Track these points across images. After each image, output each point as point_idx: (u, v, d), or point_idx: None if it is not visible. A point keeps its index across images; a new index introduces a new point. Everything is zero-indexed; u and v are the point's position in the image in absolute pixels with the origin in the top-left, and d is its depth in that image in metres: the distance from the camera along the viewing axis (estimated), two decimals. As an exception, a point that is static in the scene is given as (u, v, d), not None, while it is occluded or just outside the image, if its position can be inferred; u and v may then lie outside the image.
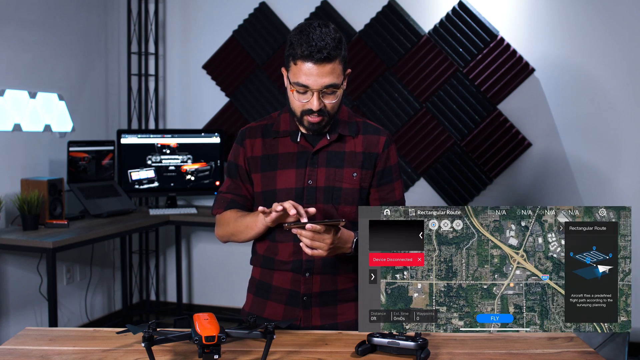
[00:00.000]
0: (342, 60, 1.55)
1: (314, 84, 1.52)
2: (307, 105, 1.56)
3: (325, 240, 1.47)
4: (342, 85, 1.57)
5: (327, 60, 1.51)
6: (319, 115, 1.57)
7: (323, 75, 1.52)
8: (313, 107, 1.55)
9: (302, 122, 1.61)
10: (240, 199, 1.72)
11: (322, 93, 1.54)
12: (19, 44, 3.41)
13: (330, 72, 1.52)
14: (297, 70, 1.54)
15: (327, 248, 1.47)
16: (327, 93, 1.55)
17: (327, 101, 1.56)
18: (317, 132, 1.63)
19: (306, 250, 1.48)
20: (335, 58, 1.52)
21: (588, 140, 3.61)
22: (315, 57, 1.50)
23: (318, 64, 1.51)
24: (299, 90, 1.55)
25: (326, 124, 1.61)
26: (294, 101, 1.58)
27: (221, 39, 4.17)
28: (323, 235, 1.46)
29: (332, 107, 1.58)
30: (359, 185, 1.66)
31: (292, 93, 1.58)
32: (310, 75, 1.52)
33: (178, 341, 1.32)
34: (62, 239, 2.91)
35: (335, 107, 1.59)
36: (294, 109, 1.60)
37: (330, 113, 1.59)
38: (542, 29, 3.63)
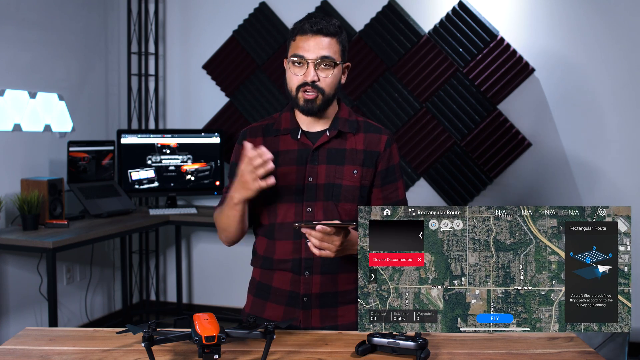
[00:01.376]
0: (341, 43, 1.61)
1: (310, 54, 1.57)
2: (302, 78, 1.59)
3: (334, 242, 1.46)
4: (338, 66, 1.61)
5: (325, 33, 1.58)
6: (313, 89, 1.58)
7: (319, 47, 1.57)
8: (308, 77, 1.57)
9: (297, 100, 1.62)
10: None
11: (318, 65, 1.58)
12: (19, 44, 3.41)
13: (327, 46, 1.58)
14: (295, 45, 1.60)
15: (335, 249, 1.47)
16: (323, 67, 1.58)
17: (322, 75, 1.59)
18: (312, 112, 1.62)
19: (314, 250, 1.47)
20: (334, 35, 1.59)
21: (588, 140, 3.61)
22: (313, 29, 1.57)
23: (315, 35, 1.57)
24: (295, 62, 1.59)
25: (321, 103, 1.61)
26: (291, 77, 1.61)
27: (221, 39, 4.17)
28: (332, 237, 1.45)
29: (326, 84, 1.60)
30: (360, 183, 1.66)
31: (289, 70, 1.61)
32: (307, 45, 1.58)
33: (178, 341, 1.32)
34: (62, 239, 2.91)
35: (330, 85, 1.60)
36: (291, 88, 1.63)
37: (325, 92, 1.60)
38: (542, 28, 3.63)
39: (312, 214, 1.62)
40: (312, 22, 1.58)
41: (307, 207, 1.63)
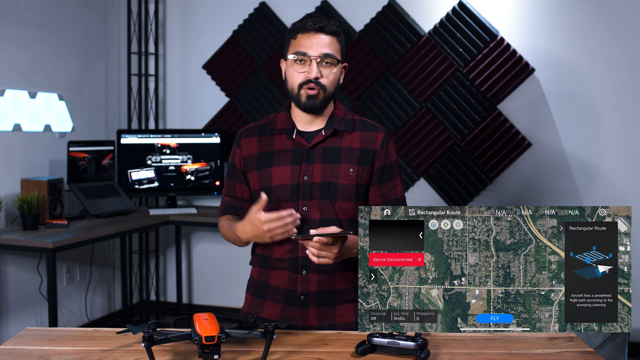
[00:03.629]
0: (340, 43, 1.65)
1: (313, 51, 1.60)
2: (304, 75, 1.61)
3: (332, 250, 1.47)
4: (338, 65, 1.63)
5: (326, 31, 1.61)
6: (316, 86, 1.61)
7: (322, 45, 1.60)
8: (312, 74, 1.60)
9: (299, 97, 1.63)
10: (236, 202, 1.76)
11: (320, 63, 1.61)
12: (19, 44, 3.41)
13: (329, 44, 1.61)
14: (296, 43, 1.63)
15: (333, 257, 1.49)
16: (325, 64, 1.61)
17: (325, 72, 1.61)
18: (314, 109, 1.64)
19: (313, 259, 1.49)
20: (335, 34, 1.62)
21: (588, 140, 3.61)
22: (315, 27, 1.60)
23: (318, 33, 1.60)
24: (297, 60, 1.61)
25: (322, 99, 1.63)
26: (293, 74, 1.63)
27: (221, 39, 4.17)
28: (330, 246, 1.47)
29: (328, 82, 1.63)
30: (356, 182, 1.66)
31: (290, 68, 1.63)
32: (310, 42, 1.60)
33: (178, 341, 1.32)
34: (62, 239, 2.91)
35: (331, 83, 1.63)
36: (292, 85, 1.64)
37: (327, 89, 1.63)
38: (542, 28, 3.63)
39: (308, 213, 1.63)
40: (314, 21, 1.61)
41: (304, 205, 1.63)
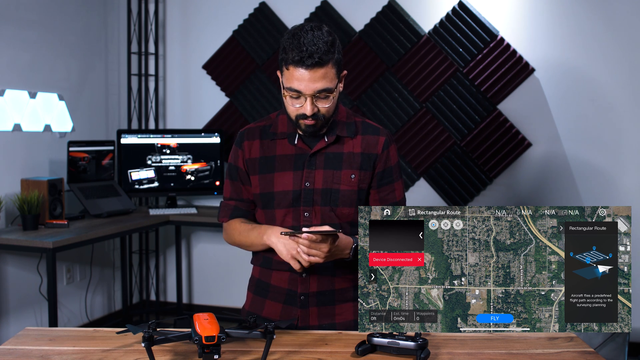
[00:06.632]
0: (336, 63, 1.54)
1: (306, 89, 1.52)
2: (300, 110, 1.56)
3: (322, 249, 1.48)
4: (336, 89, 1.57)
5: (319, 65, 1.49)
6: (313, 119, 1.57)
7: (315, 80, 1.51)
8: (306, 112, 1.54)
9: (298, 125, 1.61)
10: (243, 205, 1.73)
11: (316, 97, 1.54)
12: (19, 44, 3.41)
13: (323, 77, 1.51)
14: (289, 75, 1.53)
15: (323, 256, 1.49)
16: (321, 97, 1.55)
17: (321, 105, 1.56)
18: (314, 134, 1.63)
19: (303, 257, 1.49)
20: (327, 62, 1.51)
21: (588, 140, 3.61)
22: (306, 63, 1.49)
23: (310, 69, 1.49)
24: (292, 95, 1.55)
25: (322, 126, 1.61)
26: (289, 106, 1.59)
27: (221, 39, 4.17)
28: (320, 244, 1.47)
29: (326, 110, 1.58)
30: (357, 187, 1.65)
31: (286, 99, 1.58)
32: (302, 80, 1.51)
33: (178, 341, 1.32)
34: (62, 239, 2.91)
35: (329, 111, 1.59)
36: (289, 113, 1.61)
37: (325, 116, 1.59)
38: (542, 29, 3.63)
39: (309, 219, 1.63)
40: (303, 54, 1.48)
41: (305, 212, 1.63)
